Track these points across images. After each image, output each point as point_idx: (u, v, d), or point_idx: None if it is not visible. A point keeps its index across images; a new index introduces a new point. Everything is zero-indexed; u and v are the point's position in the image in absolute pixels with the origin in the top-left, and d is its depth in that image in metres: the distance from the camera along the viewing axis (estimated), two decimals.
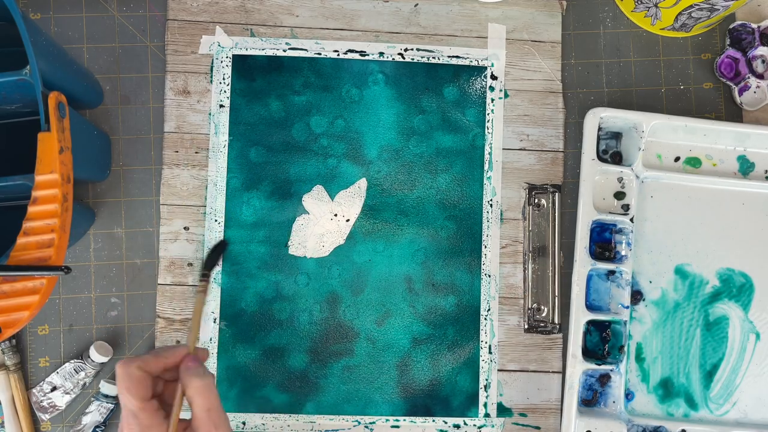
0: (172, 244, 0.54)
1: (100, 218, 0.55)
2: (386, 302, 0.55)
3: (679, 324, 0.55)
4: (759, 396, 0.55)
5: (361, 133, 0.56)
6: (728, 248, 0.56)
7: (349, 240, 0.55)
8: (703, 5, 0.52)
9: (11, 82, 0.43)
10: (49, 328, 0.54)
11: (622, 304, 0.54)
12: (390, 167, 0.55)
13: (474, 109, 0.56)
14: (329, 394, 0.54)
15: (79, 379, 0.53)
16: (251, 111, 0.55)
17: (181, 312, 0.54)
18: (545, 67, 0.57)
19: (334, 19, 0.56)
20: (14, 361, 0.53)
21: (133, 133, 0.56)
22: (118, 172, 0.55)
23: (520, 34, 0.57)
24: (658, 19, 0.56)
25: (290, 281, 0.54)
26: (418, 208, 0.55)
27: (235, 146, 0.55)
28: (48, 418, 0.53)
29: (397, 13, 0.57)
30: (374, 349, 0.54)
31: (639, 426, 0.53)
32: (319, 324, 0.54)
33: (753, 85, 0.57)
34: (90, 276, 0.54)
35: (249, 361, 0.54)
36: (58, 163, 0.41)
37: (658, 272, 0.56)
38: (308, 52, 0.56)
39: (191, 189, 0.55)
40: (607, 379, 0.54)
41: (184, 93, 0.55)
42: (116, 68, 0.56)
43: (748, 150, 0.56)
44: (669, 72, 0.58)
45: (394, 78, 0.56)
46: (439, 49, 0.56)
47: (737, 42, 0.57)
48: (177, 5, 0.56)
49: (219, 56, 0.55)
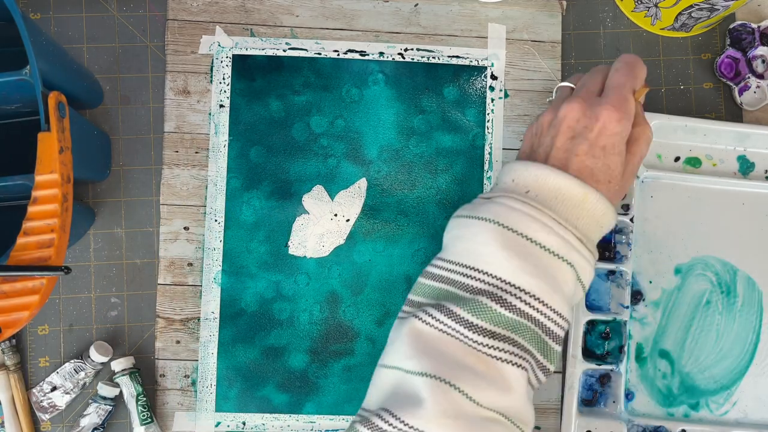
0: (172, 244, 0.54)
1: (100, 218, 0.55)
2: (386, 302, 0.55)
3: (679, 324, 0.55)
4: (759, 396, 0.55)
5: (361, 133, 0.56)
6: (728, 248, 0.56)
7: (349, 240, 0.55)
8: (703, 5, 0.52)
9: (11, 82, 0.43)
10: (49, 328, 0.54)
11: (622, 304, 0.54)
12: (390, 167, 0.55)
13: (474, 109, 0.56)
14: (329, 394, 0.54)
15: (79, 379, 0.53)
16: (251, 111, 0.55)
17: (181, 312, 0.54)
18: (545, 67, 0.57)
19: (334, 19, 0.56)
20: (14, 361, 0.53)
21: (133, 133, 0.56)
22: (118, 172, 0.55)
23: (520, 34, 0.57)
24: (658, 19, 0.56)
25: (290, 281, 0.54)
26: (418, 208, 0.55)
27: (235, 146, 0.55)
28: (48, 418, 0.53)
29: (397, 13, 0.57)
30: (374, 349, 0.54)
31: (639, 426, 0.53)
32: (319, 324, 0.54)
33: (753, 85, 0.57)
34: (90, 276, 0.54)
35: (249, 361, 0.54)
36: (58, 163, 0.41)
37: (658, 272, 0.56)
38: (308, 52, 0.56)
39: (191, 189, 0.55)
40: (607, 379, 0.54)
41: (184, 93, 0.55)
42: (116, 68, 0.56)
43: (748, 150, 0.56)
44: (669, 72, 0.58)
45: (394, 78, 0.56)
46: (439, 49, 0.56)
47: (737, 42, 0.57)
48: (177, 5, 0.56)
49: (219, 56, 0.55)
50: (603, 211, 0.42)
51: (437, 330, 0.40)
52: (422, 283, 0.44)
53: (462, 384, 0.39)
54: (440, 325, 0.40)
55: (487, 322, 0.40)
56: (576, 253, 0.41)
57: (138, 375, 0.52)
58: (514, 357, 0.40)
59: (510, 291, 0.40)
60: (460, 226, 0.43)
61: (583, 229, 0.42)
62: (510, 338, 0.40)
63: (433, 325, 0.41)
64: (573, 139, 0.43)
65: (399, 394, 0.40)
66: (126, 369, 0.52)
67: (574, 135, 0.43)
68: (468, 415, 0.39)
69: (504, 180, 0.44)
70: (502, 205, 0.42)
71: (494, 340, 0.40)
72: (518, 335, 0.41)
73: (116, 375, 0.52)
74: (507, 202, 0.42)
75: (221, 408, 0.53)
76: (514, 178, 0.43)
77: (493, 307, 0.40)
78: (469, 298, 0.41)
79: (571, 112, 0.43)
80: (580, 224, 0.42)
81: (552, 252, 0.41)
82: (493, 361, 0.40)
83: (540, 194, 0.42)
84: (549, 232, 0.40)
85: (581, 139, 0.43)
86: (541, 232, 0.40)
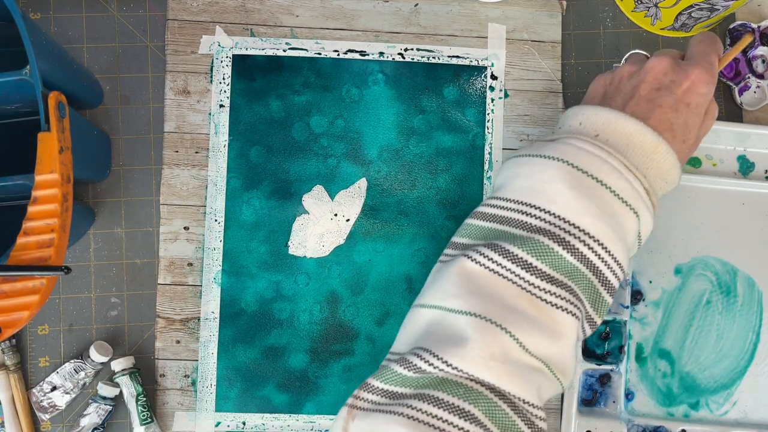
0: (172, 244, 0.54)
1: (100, 218, 0.55)
2: (386, 302, 0.55)
3: (678, 324, 0.55)
4: (759, 396, 0.55)
5: (361, 133, 0.56)
6: (728, 248, 0.56)
7: (349, 240, 0.55)
8: (703, 5, 0.52)
9: (11, 82, 0.43)
10: (49, 328, 0.54)
11: (622, 304, 0.54)
12: (390, 167, 0.55)
13: (474, 109, 0.56)
14: (329, 394, 0.54)
15: (79, 379, 0.53)
16: (251, 111, 0.55)
17: (181, 312, 0.54)
18: (545, 67, 0.57)
19: (334, 19, 0.56)
20: (14, 361, 0.53)
21: (133, 133, 0.56)
22: (118, 172, 0.55)
23: (520, 34, 0.57)
24: (658, 19, 0.56)
25: (290, 281, 0.54)
26: (418, 208, 0.55)
27: (235, 146, 0.55)
28: (48, 418, 0.53)
29: (397, 13, 0.57)
30: (374, 349, 0.54)
31: (639, 426, 0.53)
32: (319, 324, 0.54)
33: (753, 85, 0.57)
34: (90, 276, 0.54)
35: (249, 361, 0.54)
36: (58, 163, 0.41)
37: (658, 272, 0.56)
38: (308, 52, 0.56)
39: (191, 189, 0.55)
40: (607, 379, 0.54)
41: (184, 93, 0.55)
42: (116, 68, 0.56)
43: (748, 150, 0.56)
44: None
45: (394, 78, 0.56)
46: (439, 49, 0.56)
47: (737, 42, 0.57)
48: (177, 5, 0.56)
49: (219, 56, 0.55)
50: (671, 166, 0.41)
51: (489, 270, 0.39)
52: (470, 224, 0.42)
53: (513, 327, 0.37)
54: (494, 265, 0.39)
55: (546, 264, 0.38)
56: (642, 204, 0.40)
57: (138, 375, 0.52)
58: (569, 304, 0.38)
59: (573, 233, 0.39)
60: (521, 165, 0.41)
61: (650, 179, 0.41)
62: (566, 284, 0.39)
63: (485, 265, 0.39)
64: (658, 91, 0.42)
65: (438, 333, 0.38)
66: (126, 369, 0.52)
67: (660, 87, 0.42)
68: (515, 361, 0.37)
69: (569, 123, 0.43)
70: (572, 145, 0.40)
71: (550, 284, 0.38)
72: (574, 282, 0.39)
73: (116, 375, 0.52)
74: (576, 143, 0.40)
75: (221, 408, 0.53)
76: (581, 122, 0.42)
77: (553, 249, 0.38)
78: (527, 236, 0.39)
79: (660, 64, 0.43)
80: (648, 174, 0.41)
81: (621, 198, 0.39)
82: (547, 306, 0.38)
83: (611, 139, 0.41)
84: (619, 177, 0.39)
85: (667, 92, 0.42)
86: (612, 175, 0.39)
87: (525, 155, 0.42)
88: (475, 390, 0.36)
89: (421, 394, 0.37)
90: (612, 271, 0.40)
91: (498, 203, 0.41)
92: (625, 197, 0.39)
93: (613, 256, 0.39)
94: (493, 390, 0.37)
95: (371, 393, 0.38)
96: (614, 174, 0.39)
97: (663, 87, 0.42)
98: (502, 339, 0.37)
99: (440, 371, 0.37)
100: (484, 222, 0.42)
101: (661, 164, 0.41)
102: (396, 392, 0.37)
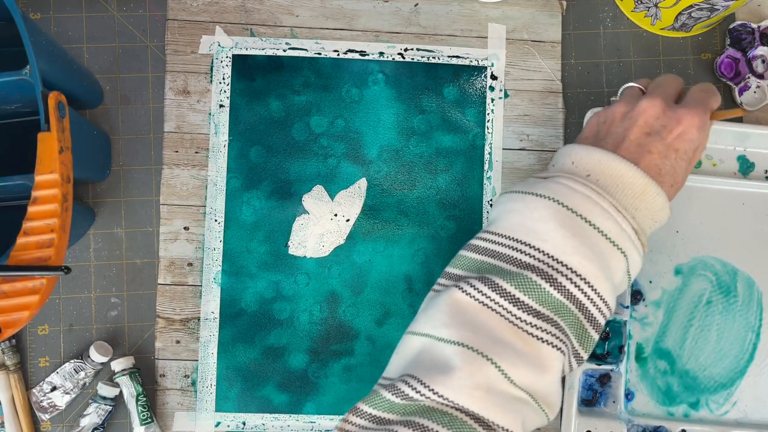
0: (172, 244, 0.54)
1: (100, 218, 0.55)
2: (386, 302, 0.55)
3: (679, 324, 0.55)
4: (759, 396, 0.55)
5: (361, 133, 0.56)
6: (728, 248, 0.56)
7: (349, 240, 0.55)
8: (703, 5, 0.52)
9: (11, 82, 0.43)
10: (49, 328, 0.54)
11: (622, 304, 0.54)
12: (390, 167, 0.55)
13: (474, 109, 0.56)
14: (329, 394, 0.54)
15: (79, 379, 0.53)
16: (251, 111, 0.55)
17: (181, 312, 0.54)
18: (545, 67, 0.57)
19: (334, 19, 0.56)
20: (14, 361, 0.53)
21: (133, 133, 0.56)
22: (118, 172, 0.55)
23: (520, 34, 0.57)
24: (658, 19, 0.56)
25: (290, 281, 0.54)
26: (418, 208, 0.55)
27: (235, 146, 0.55)
28: (48, 418, 0.53)
29: (397, 13, 0.57)
30: (374, 349, 0.54)
31: (639, 426, 0.53)
32: (319, 324, 0.54)
33: (753, 85, 0.57)
34: (90, 276, 0.54)
35: (249, 361, 0.54)
36: (58, 163, 0.41)
37: (658, 272, 0.56)
38: (308, 52, 0.56)
39: (191, 189, 0.55)
40: (607, 379, 0.54)
41: (184, 93, 0.55)
42: (116, 68, 0.56)
43: (748, 150, 0.56)
44: (669, 72, 0.58)
45: (394, 78, 0.56)
46: (439, 49, 0.56)
47: (737, 42, 0.57)
48: (177, 5, 0.56)
49: (219, 56, 0.55)
50: (660, 206, 0.42)
51: (478, 302, 0.40)
52: (464, 255, 0.43)
53: (499, 359, 0.38)
54: (483, 298, 0.40)
55: (533, 299, 0.39)
56: (630, 244, 0.41)
57: (138, 375, 0.52)
58: (555, 339, 0.39)
59: (561, 271, 0.40)
60: (514, 201, 0.42)
61: (639, 220, 0.42)
62: (552, 320, 0.40)
63: (475, 296, 0.40)
64: (648, 135, 0.43)
65: (426, 360, 0.39)
66: (126, 369, 0.52)
67: (650, 131, 0.43)
68: (499, 391, 0.38)
69: (562, 162, 0.44)
70: (563, 185, 0.41)
71: (537, 319, 0.39)
72: (560, 317, 0.40)
73: (116, 375, 0.52)
74: (568, 182, 0.41)
75: (221, 408, 0.53)
76: (574, 161, 0.43)
77: (541, 285, 0.39)
78: (516, 272, 0.40)
79: (651, 108, 0.43)
80: (638, 215, 0.41)
81: (609, 239, 0.40)
82: (533, 340, 0.39)
83: (601, 179, 0.41)
84: (608, 218, 0.40)
85: (657, 137, 0.42)
86: (601, 216, 0.40)
87: (519, 192, 0.43)
88: (460, 419, 0.37)
89: (408, 421, 0.37)
90: (598, 309, 0.41)
91: (491, 237, 0.43)
92: (613, 238, 0.40)
93: (599, 295, 0.41)
94: (477, 420, 0.38)
95: (360, 417, 0.39)
96: (603, 215, 0.40)
97: (653, 132, 0.43)
98: (488, 369, 0.38)
99: (427, 399, 0.38)
100: (477, 255, 0.43)
101: (650, 205, 0.42)
102: (383, 418, 0.38)
